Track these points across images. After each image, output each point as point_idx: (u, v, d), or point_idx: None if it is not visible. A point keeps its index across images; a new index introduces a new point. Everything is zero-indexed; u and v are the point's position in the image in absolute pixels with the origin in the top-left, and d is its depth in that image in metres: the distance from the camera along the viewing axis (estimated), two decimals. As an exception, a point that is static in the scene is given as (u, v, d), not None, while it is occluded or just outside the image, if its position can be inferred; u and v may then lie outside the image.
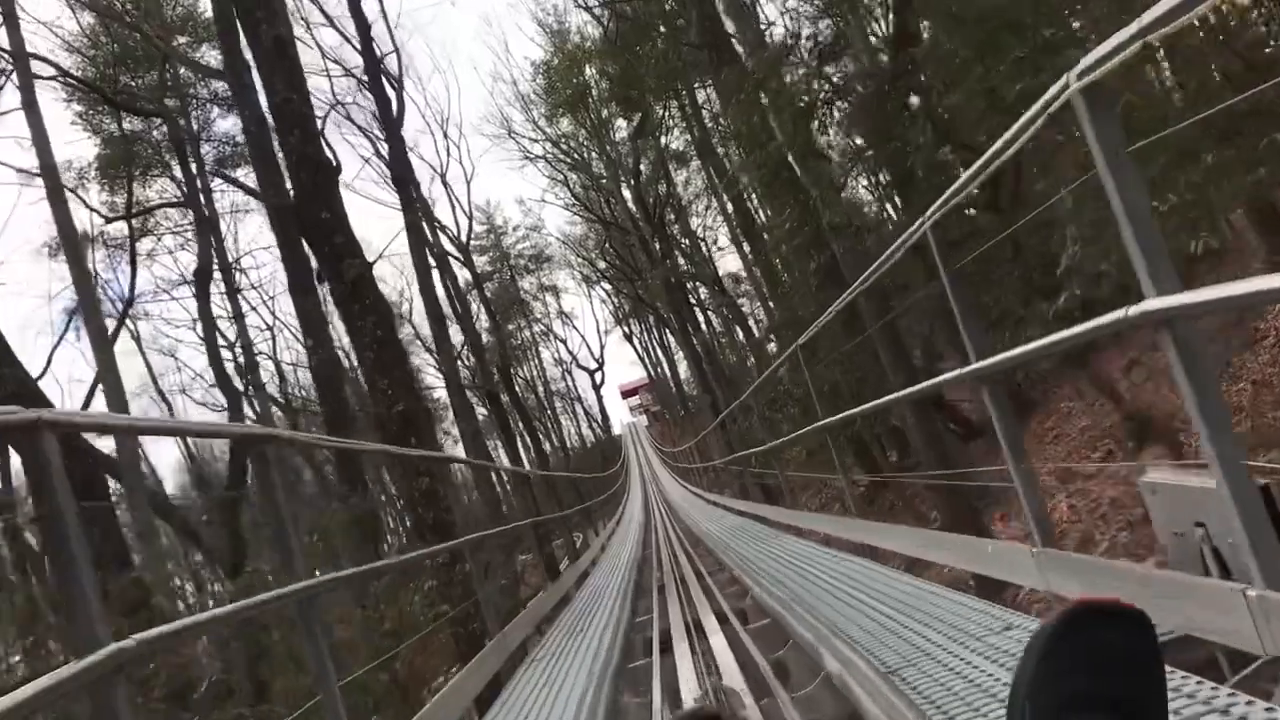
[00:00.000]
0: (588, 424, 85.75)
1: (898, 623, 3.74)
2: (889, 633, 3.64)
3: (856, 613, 4.24)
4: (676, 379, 74.78)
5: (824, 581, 5.15)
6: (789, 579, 5.49)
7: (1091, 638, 0.77)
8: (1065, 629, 0.78)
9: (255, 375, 28.25)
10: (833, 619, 4.24)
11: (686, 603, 6.36)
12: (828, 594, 4.88)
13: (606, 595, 7.33)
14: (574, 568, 10.34)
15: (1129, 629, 0.78)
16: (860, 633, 3.80)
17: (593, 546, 12.39)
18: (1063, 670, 0.76)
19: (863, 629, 3.86)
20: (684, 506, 18.81)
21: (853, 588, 4.78)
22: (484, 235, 77.33)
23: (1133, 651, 0.77)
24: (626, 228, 45.19)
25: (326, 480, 20.99)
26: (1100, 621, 0.78)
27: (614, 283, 62.93)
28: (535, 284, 79.67)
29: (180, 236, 28.06)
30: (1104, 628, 0.77)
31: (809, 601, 4.78)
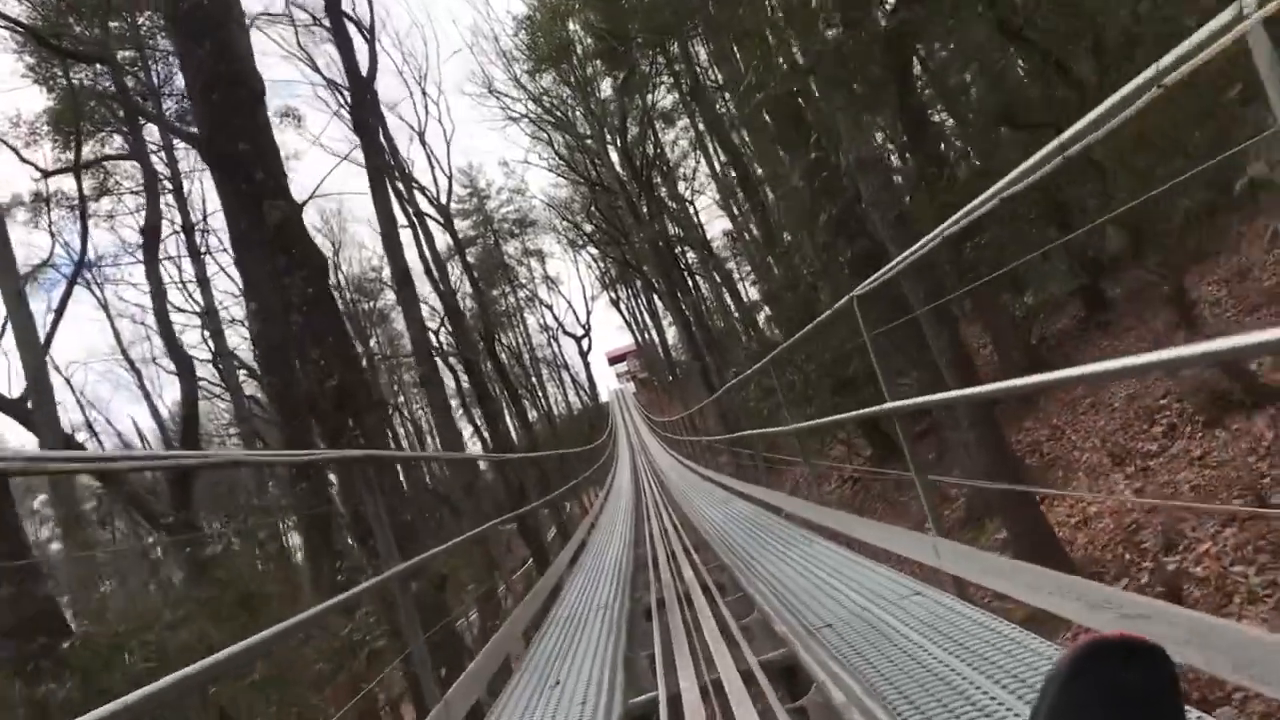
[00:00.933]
0: (575, 391, 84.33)
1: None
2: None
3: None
4: (664, 345, 73.47)
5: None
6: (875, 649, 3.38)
7: (1108, 674, 0.76)
8: (1081, 665, 0.76)
9: (221, 342, 26.64)
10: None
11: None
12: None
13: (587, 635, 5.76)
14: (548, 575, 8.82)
15: (1146, 665, 0.76)
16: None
17: (571, 542, 10.86)
18: (1080, 705, 0.75)
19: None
20: (680, 487, 17.29)
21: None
22: (466, 199, 75.79)
23: (1150, 688, 0.76)
24: (613, 188, 43.41)
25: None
26: (1117, 657, 0.76)
27: (600, 246, 61.26)
28: (520, 248, 78.25)
29: (143, 196, 26.34)
30: (1121, 664, 0.76)
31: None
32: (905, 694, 2.88)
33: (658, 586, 6.72)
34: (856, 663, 3.26)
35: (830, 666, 3.30)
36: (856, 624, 3.74)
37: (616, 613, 5.63)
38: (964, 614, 3.45)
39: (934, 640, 3.26)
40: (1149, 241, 18.39)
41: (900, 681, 2.99)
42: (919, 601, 3.79)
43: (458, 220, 73.13)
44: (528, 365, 79.64)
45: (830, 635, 3.68)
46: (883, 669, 3.15)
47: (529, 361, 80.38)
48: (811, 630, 3.83)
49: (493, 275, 75.27)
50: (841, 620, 3.85)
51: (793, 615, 4.20)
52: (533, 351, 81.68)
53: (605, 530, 12.56)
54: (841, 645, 3.52)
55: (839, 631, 3.69)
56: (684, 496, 14.34)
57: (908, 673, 3.05)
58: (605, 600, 6.31)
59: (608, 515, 15.63)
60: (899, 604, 3.84)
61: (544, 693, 4.32)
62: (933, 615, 3.57)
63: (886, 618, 3.68)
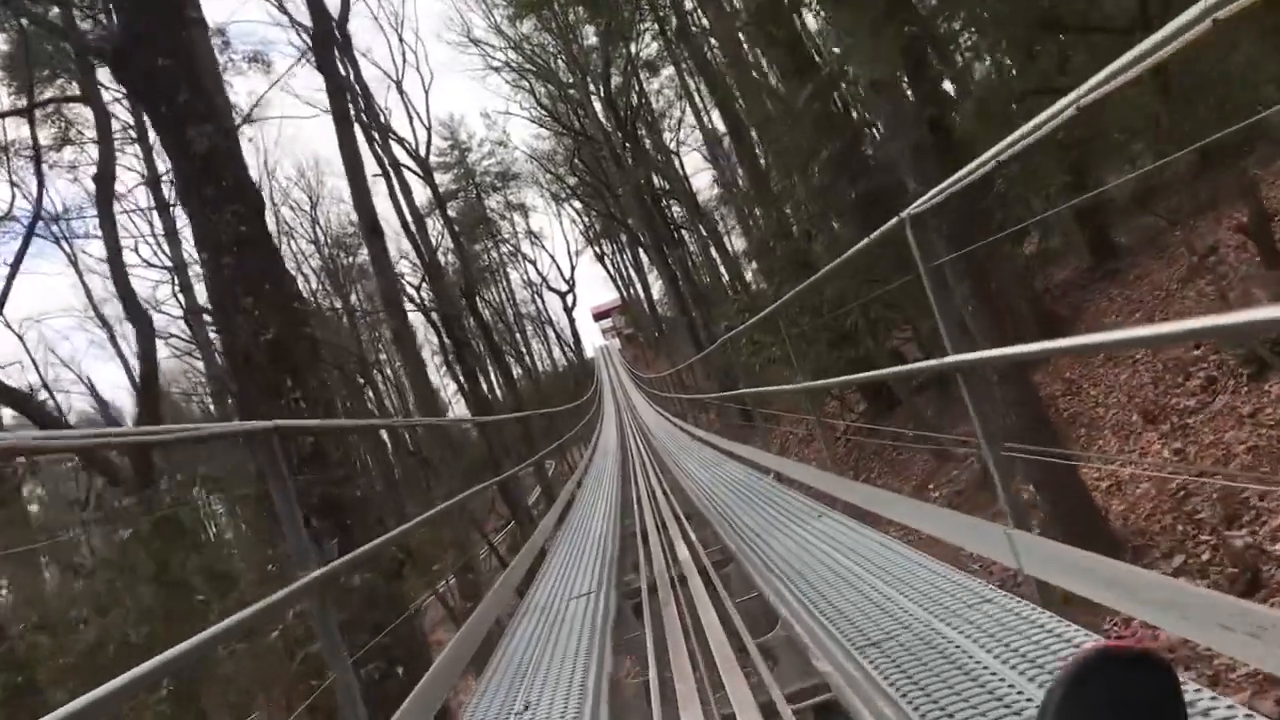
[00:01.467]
0: (559, 347, 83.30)
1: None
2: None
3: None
4: (650, 300, 72.44)
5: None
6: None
7: (1112, 683, 0.76)
8: (1087, 675, 0.76)
9: (191, 298, 25.47)
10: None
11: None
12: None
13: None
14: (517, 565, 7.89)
15: (1150, 675, 0.76)
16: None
17: (549, 515, 9.88)
18: (1084, 714, 0.75)
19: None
20: (668, 447, 16.38)
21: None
22: (447, 151, 74.20)
23: (1154, 698, 0.76)
24: (596, 138, 42.11)
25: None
26: (1119, 666, 0.76)
27: (584, 200, 59.89)
28: (502, 202, 76.77)
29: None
30: (1125, 673, 0.76)
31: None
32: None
33: (649, 571, 5.84)
34: (926, 709, 2.37)
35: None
36: (913, 641, 2.86)
37: (598, 619, 4.69)
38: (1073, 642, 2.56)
39: (1038, 678, 2.37)
40: (1158, 187, 17.51)
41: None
42: (992, 614, 2.88)
43: (438, 174, 71.50)
44: (511, 322, 78.56)
45: (882, 661, 2.78)
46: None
47: (513, 318, 79.30)
48: (856, 652, 2.94)
49: (474, 230, 73.87)
50: (892, 637, 2.95)
51: (822, 626, 3.31)
52: (516, 308, 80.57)
53: (587, 503, 11.61)
54: (899, 678, 2.62)
55: (889, 655, 2.81)
56: (673, 458, 13.48)
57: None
58: (580, 611, 5.31)
59: (591, 480, 14.75)
60: (964, 613, 2.95)
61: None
62: (1014, 633, 2.68)
63: (955, 636, 2.79)
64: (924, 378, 18.73)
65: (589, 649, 4.07)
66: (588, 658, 3.93)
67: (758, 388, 12.67)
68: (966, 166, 2.60)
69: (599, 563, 6.31)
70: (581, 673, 3.73)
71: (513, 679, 3.97)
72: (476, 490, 7.17)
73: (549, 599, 5.53)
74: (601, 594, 5.11)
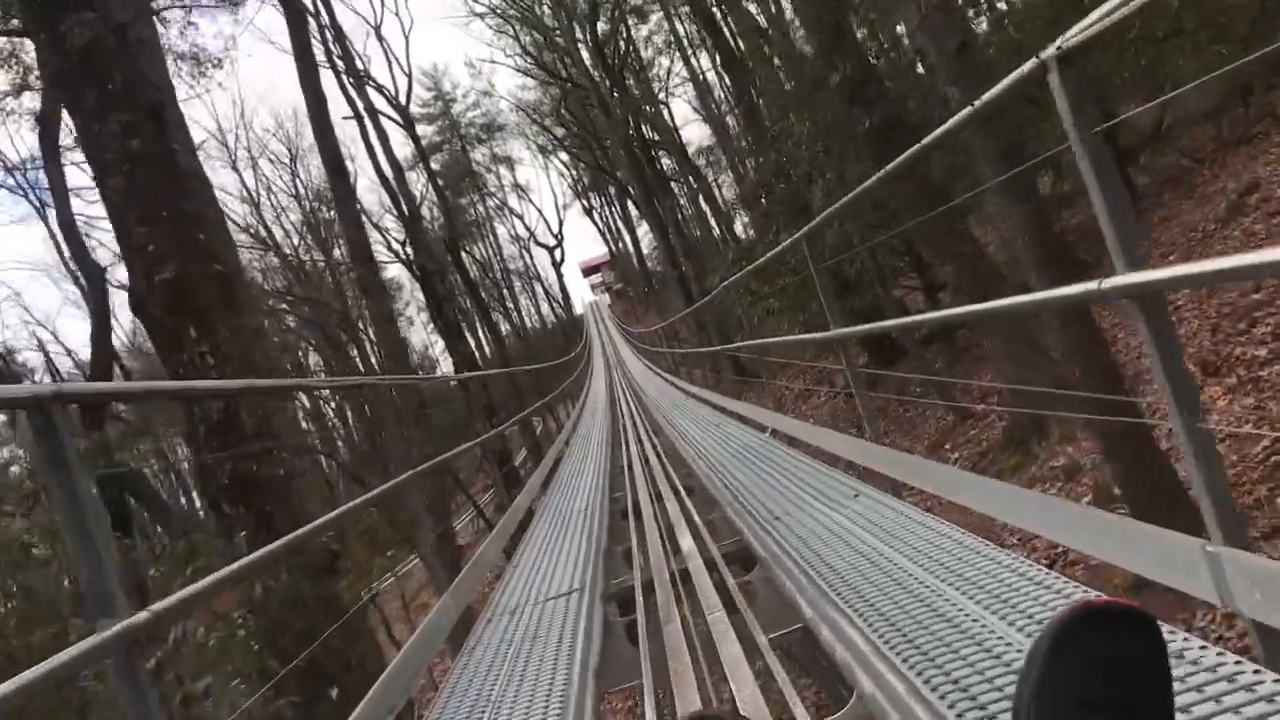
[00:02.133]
0: (548, 303, 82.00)
1: None
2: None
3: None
4: (640, 254, 71.11)
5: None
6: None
7: (1094, 640, 0.76)
8: (1069, 632, 0.76)
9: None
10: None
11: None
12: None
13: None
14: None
15: (1133, 631, 0.76)
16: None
17: (521, 500, 8.50)
18: (1067, 673, 0.75)
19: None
20: (661, 405, 15.21)
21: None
22: (430, 102, 72.44)
23: (1137, 654, 0.76)
24: (584, 85, 40.55)
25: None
26: (1104, 624, 0.76)
27: (572, 151, 58.25)
28: (488, 155, 75.04)
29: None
30: (1108, 630, 0.76)
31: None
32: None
33: (644, 567, 4.73)
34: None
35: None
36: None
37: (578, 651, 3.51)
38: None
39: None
40: (1178, 123, 16.32)
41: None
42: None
43: (422, 125, 69.79)
44: (498, 278, 77.19)
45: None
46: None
47: (500, 274, 77.90)
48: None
49: (460, 183, 72.19)
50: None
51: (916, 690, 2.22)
52: (504, 263, 79.14)
53: (569, 477, 10.34)
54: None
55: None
56: (667, 418, 12.37)
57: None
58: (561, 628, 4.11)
59: (577, 447, 13.63)
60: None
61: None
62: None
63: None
64: (930, 328, 17.69)
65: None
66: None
67: (758, 340, 11.56)
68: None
69: (581, 559, 5.17)
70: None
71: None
72: (434, 463, 6.01)
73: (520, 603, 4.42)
74: (584, 599, 4.01)
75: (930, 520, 3.53)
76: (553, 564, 5.11)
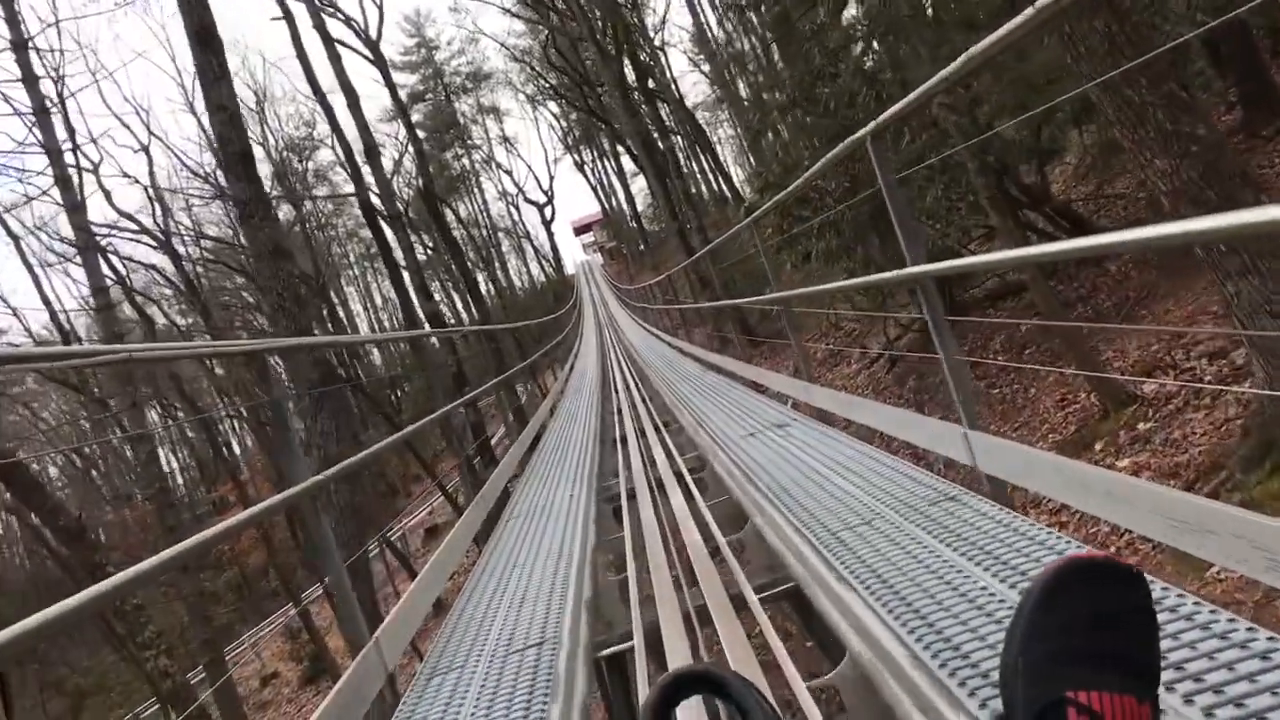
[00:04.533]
0: (538, 262, 78.52)
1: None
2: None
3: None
4: (635, 211, 67.59)
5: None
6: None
7: (1082, 594, 0.76)
8: (1057, 586, 0.77)
9: (71, 194, 20.56)
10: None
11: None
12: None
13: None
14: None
15: (1120, 585, 0.77)
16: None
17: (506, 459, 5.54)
18: (1055, 628, 0.75)
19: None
20: (667, 377, 11.49)
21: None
22: (413, 50, 68.80)
23: (1124, 606, 0.77)
24: (574, 19, 36.83)
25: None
26: (1092, 578, 0.77)
27: (564, 95, 54.49)
28: (474, 105, 71.37)
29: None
30: (1095, 584, 0.77)
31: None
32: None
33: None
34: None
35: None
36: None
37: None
38: None
39: None
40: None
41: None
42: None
43: (403, 74, 66.20)
44: (486, 233, 73.75)
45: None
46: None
47: (488, 231, 74.40)
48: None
49: (444, 136, 68.56)
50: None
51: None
52: (491, 220, 75.61)
53: (538, 489, 7.11)
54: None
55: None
56: (676, 396, 8.99)
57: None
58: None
59: (550, 448, 10.12)
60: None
61: None
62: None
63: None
64: (992, 286, 14.36)
65: None
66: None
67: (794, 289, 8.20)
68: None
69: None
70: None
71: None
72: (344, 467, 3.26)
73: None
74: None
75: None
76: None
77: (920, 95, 3.19)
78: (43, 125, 19.93)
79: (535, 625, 3.25)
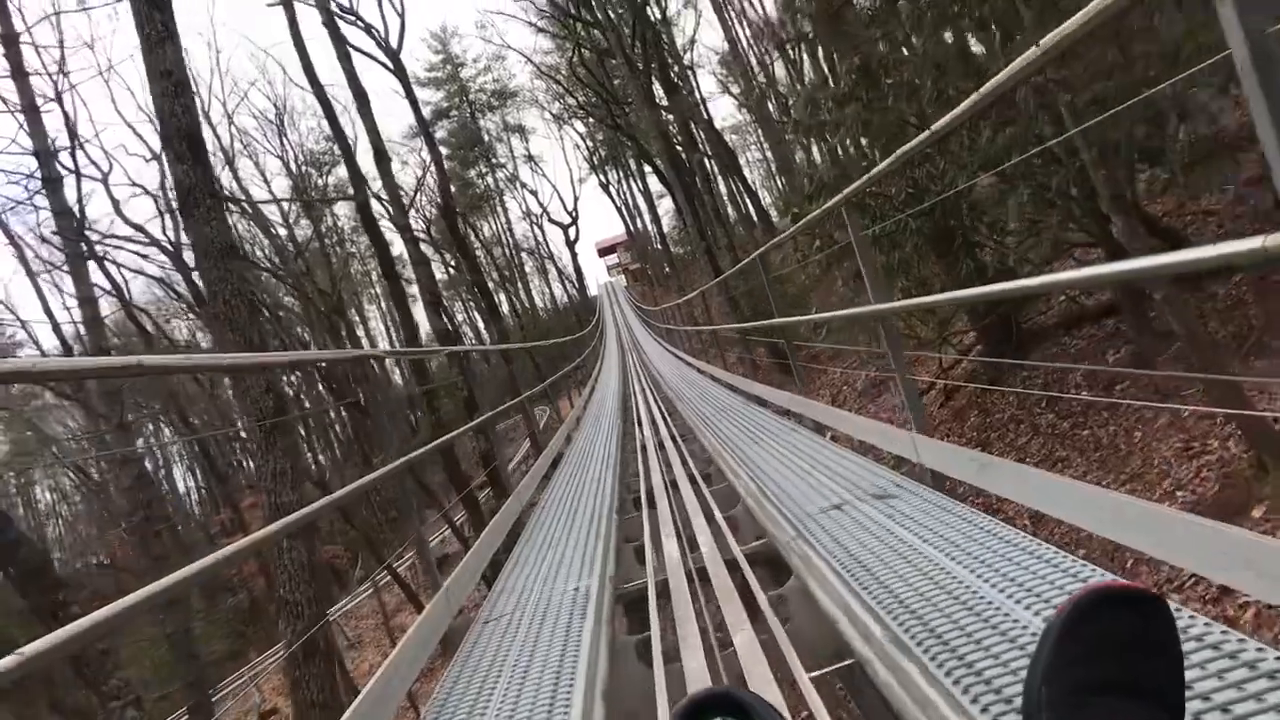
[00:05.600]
0: (561, 284, 77.12)
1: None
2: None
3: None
4: (660, 231, 66.09)
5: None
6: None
7: (1107, 622, 0.73)
8: (1081, 614, 0.74)
9: (58, 198, 19.24)
10: None
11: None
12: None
13: None
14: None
15: (1144, 613, 0.74)
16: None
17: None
18: (1079, 656, 0.72)
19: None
20: (703, 412, 9.70)
21: None
22: (439, 66, 67.97)
23: (1148, 635, 0.73)
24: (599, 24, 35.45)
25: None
26: (1115, 606, 0.74)
27: (589, 110, 53.13)
28: (499, 123, 70.29)
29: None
30: (1119, 612, 0.74)
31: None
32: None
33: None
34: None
35: None
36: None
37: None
38: None
39: None
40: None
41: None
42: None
43: (429, 90, 65.24)
44: (509, 253, 72.52)
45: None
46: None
47: (511, 251, 73.11)
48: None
49: (468, 154, 67.48)
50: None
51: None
52: (514, 239, 74.35)
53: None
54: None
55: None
56: (719, 438, 7.36)
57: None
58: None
59: (562, 483, 8.46)
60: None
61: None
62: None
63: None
64: (1064, 310, 12.59)
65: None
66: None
67: (898, 302, 6.60)
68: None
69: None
70: None
71: None
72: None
73: None
74: None
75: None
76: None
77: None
78: (31, 123, 18.62)
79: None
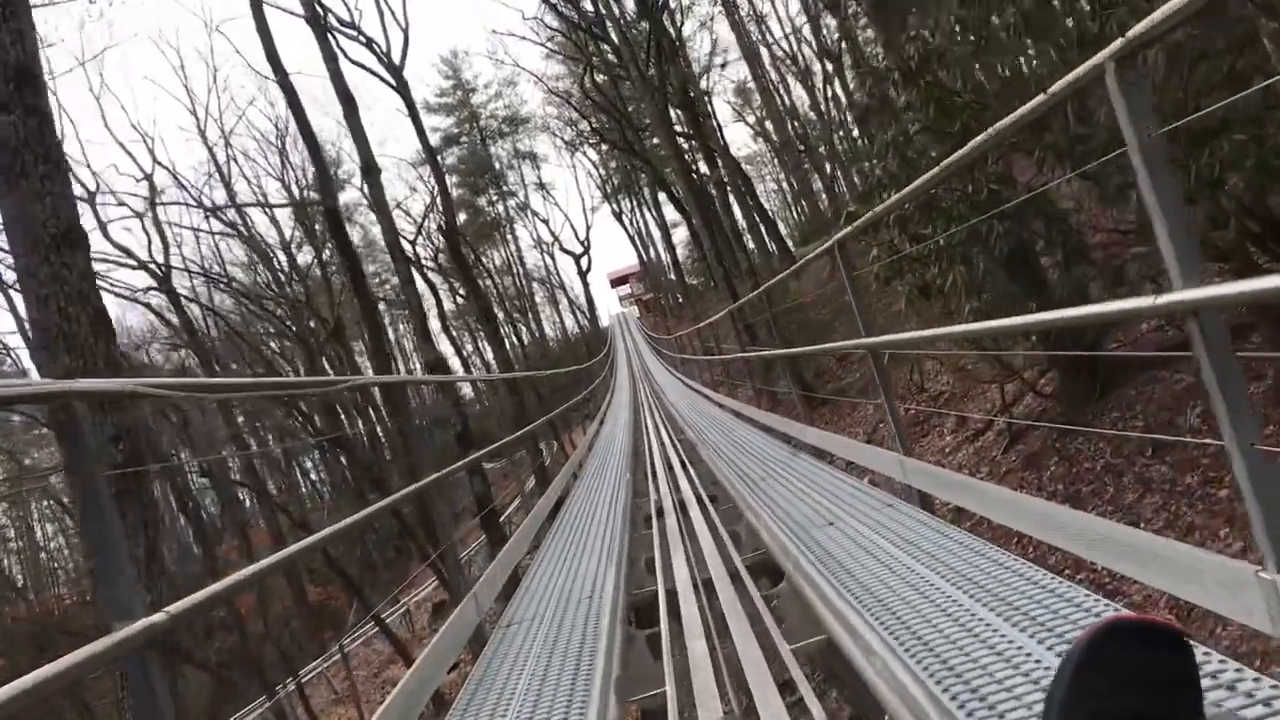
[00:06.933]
0: (572, 313, 75.47)
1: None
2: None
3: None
4: (675, 259, 64.33)
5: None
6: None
7: (1124, 656, 0.72)
8: (1097, 648, 0.73)
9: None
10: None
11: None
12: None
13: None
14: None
15: (1163, 647, 0.72)
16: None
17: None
18: (1095, 691, 0.71)
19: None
20: (733, 459, 8.09)
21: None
22: (449, 91, 66.84)
23: (1167, 670, 0.72)
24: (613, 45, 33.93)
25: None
26: (1133, 639, 0.73)
27: (602, 137, 51.51)
28: (510, 150, 68.97)
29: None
30: (1137, 646, 0.72)
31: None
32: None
33: None
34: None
35: None
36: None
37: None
38: None
39: None
40: None
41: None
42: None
43: (439, 116, 63.95)
44: (519, 282, 71.05)
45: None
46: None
47: (521, 280, 71.64)
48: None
49: (478, 180, 66.18)
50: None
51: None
52: (525, 268, 72.85)
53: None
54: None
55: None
56: (775, 514, 5.56)
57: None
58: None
59: (550, 560, 6.53)
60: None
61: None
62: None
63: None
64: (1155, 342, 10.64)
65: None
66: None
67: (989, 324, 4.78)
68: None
69: None
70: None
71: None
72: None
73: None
74: None
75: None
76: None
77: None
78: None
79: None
